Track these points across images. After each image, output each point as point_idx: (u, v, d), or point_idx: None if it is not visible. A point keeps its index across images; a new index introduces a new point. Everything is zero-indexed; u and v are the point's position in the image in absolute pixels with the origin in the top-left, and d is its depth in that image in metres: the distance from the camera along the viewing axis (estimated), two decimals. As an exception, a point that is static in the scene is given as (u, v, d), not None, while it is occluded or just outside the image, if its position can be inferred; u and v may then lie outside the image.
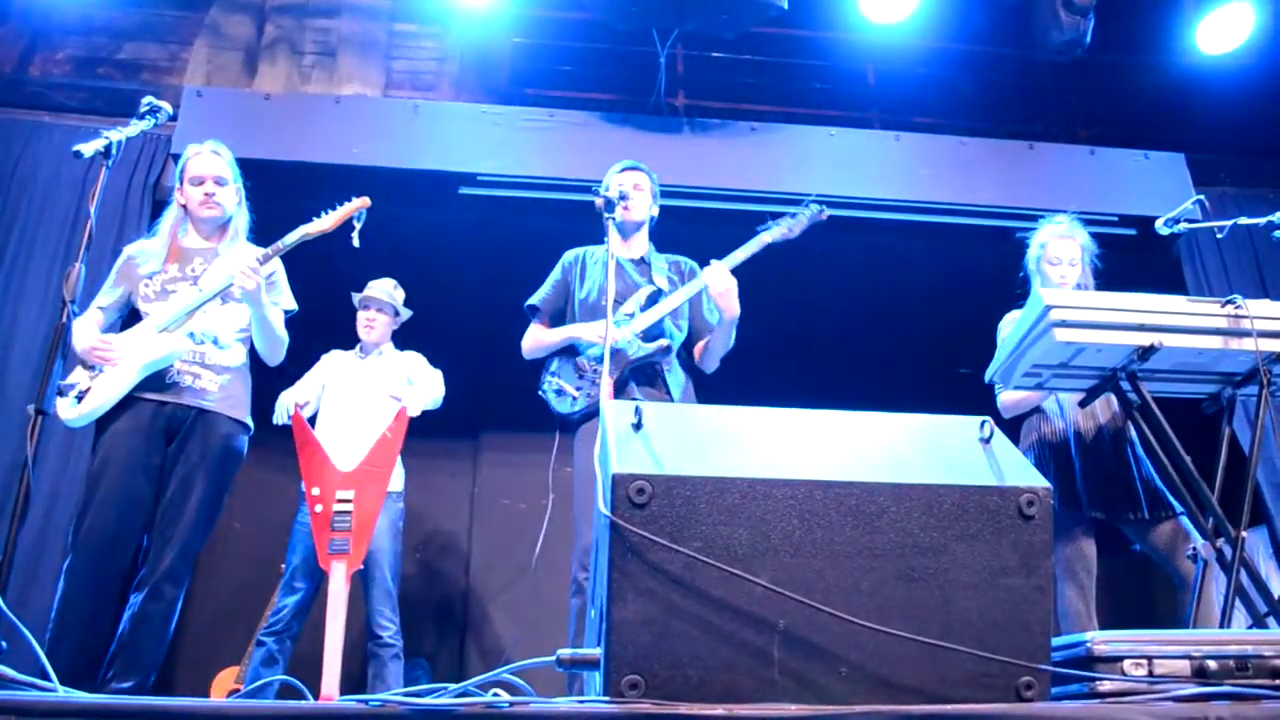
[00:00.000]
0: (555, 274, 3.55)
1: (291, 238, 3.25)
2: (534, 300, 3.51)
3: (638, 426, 1.66)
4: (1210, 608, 2.79)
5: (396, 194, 4.87)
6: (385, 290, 4.41)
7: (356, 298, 4.44)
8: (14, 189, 4.60)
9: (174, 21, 5.31)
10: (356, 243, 3.37)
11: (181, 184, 3.28)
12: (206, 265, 3.21)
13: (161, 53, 5.26)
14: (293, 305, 3.37)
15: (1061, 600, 3.13)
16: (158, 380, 3.04)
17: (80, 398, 3.00)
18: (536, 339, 3.48)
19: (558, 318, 3.48)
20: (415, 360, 4.43)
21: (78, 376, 3.06)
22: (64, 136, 4.63)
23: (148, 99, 2.79)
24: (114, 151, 2.65)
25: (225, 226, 3.31)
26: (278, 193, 4.68)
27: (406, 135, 4.79)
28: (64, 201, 4.56)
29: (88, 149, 2.62)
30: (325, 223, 3.33)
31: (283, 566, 4.17)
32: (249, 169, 4.53)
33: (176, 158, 4.53)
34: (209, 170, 3.25)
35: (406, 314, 4.46)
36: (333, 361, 4.41)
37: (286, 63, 5.25)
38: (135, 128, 2.76)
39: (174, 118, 3.53)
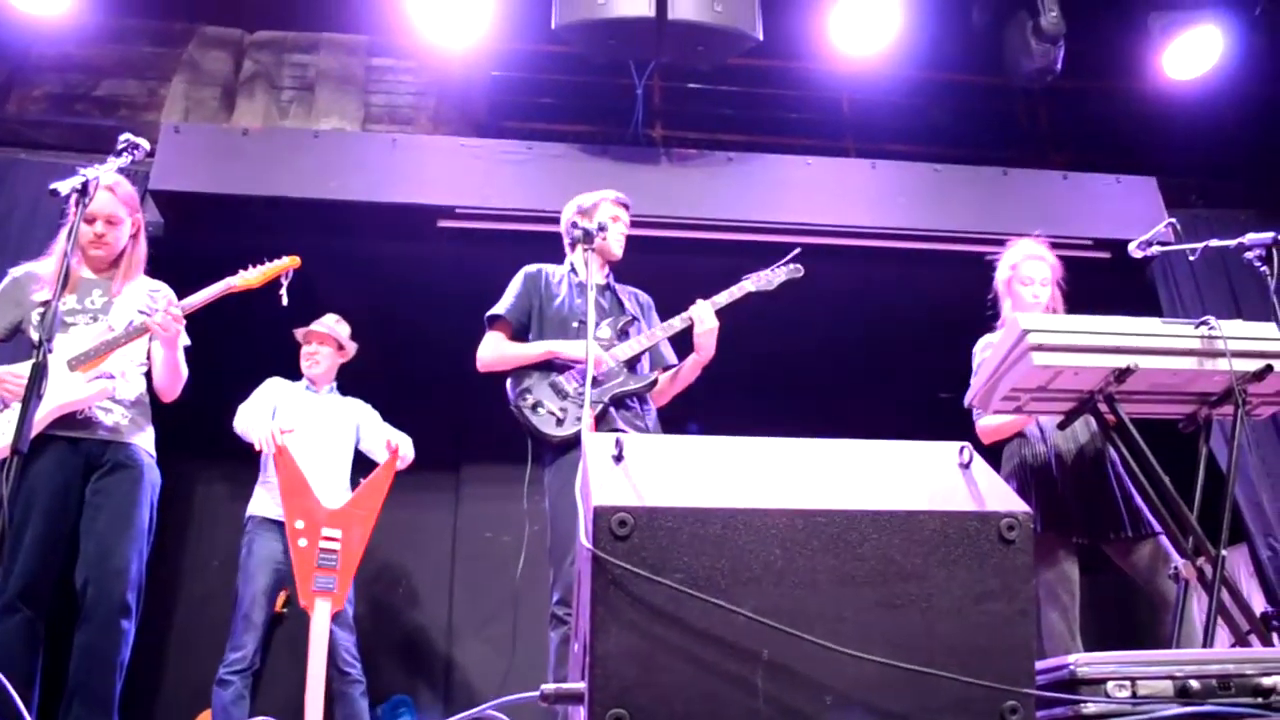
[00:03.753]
0: (517, 286, 3.45)
1: (214, 289, 3.24)
2: (498, 310, 3.39)
3: (618, 458, 1.66)
4: (1192, 627, 2.80)
5: (375, 228, 4.88)
6: (326, 324, 4.35)
7: (299, 333, 4.36)
8: (-10, 226, 4.57)
9: (152, 58, 5.32)
10: (285, 301, 3.38)
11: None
12: (106, 299, 3.20)
13: (139, 89, 5.26)
14: (188, 341, 3.33)
15: (1045, 623, 3.13)
16: (69, 418, 3.03)
17: None
18: (502, 351, 3.34)
19: (520, 332, 3.39)
20: (367, 410, 4.36)
21: None
22: (41, 173, 4.59)
23: (125, 135, 2.75)
24: (91, 189, 2.63)
25: (118, 260, 3.28)
26: (255, 228, 4.71)
27: (385, 169, 4.80)
28: (40, 239, 4.52)
29: (64, 186, 2.59)
30: (252, 279, 3.34)
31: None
32: (227, 204, 4.51)
33: (155, 194, 4.55)
34: (101, 209, 3.17)
35: (352, 348, 4.39)
36: (279, 389, 4.28)
37: (264, 98, 5.26)
38: (112, 165, 2.73)
39: (152, 154, 3.52)
